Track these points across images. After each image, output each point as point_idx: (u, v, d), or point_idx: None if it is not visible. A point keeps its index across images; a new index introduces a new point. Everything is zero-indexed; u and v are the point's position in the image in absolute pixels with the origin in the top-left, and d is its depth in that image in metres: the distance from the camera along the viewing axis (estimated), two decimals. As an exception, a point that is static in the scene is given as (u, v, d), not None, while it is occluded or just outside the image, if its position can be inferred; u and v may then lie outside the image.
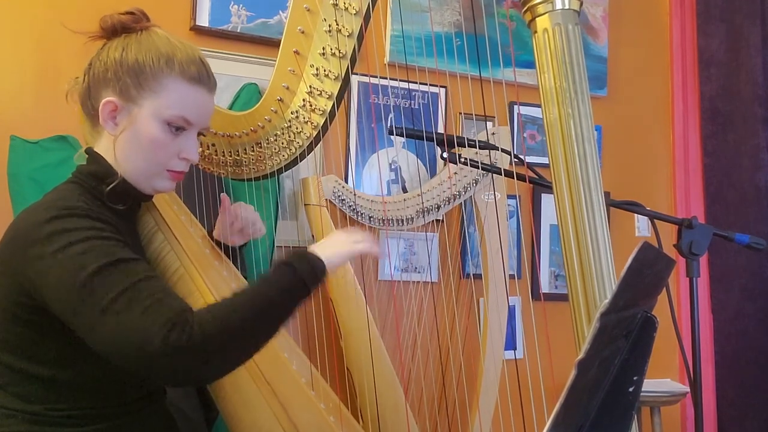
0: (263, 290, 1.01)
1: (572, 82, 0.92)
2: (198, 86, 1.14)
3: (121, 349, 0.92)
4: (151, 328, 0.91)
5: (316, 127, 1.35)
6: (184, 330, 0.92)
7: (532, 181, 1.49)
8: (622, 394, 0.76)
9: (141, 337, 0.91)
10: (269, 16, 2.02)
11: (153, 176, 1.14)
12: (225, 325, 0.95)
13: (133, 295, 0.94)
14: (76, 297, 0.95)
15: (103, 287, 0.94)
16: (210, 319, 0.95)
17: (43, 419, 1.05)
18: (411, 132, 1.59)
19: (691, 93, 2.69)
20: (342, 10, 1.24)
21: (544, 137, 0.96)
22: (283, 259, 1.06)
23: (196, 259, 1.28)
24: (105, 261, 0.96)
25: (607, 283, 0.90)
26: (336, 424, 1.27)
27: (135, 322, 0.92)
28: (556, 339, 1.39)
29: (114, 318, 0.93)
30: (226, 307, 0.98)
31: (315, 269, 1.06)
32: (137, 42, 1.13)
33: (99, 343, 0.95)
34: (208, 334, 0.93)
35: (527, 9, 0.95)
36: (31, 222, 1.01)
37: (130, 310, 0.93)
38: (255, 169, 1.45)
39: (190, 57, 1.14)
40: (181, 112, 1.12)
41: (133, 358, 0.92)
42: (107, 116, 1.12)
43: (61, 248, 0.97)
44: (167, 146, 1.12)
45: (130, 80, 1.10)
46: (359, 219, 1.97)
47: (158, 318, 0.92)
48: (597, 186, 0.91)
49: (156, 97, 1.10)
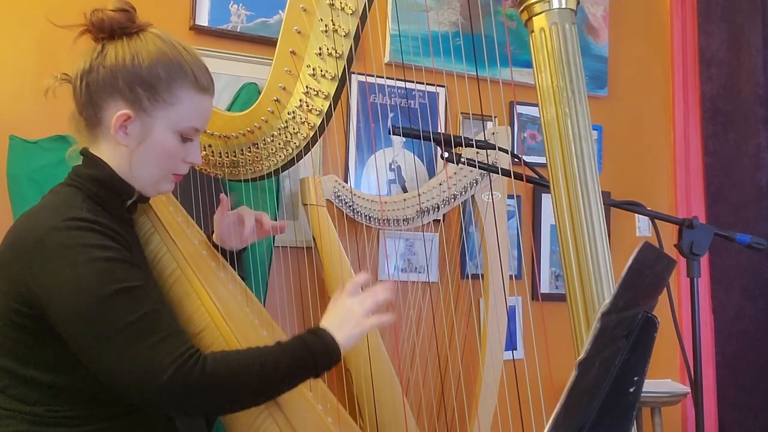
0: (276, 361, 1.06)
1: (569, 81, 0.92)
2: (207, 95, 1.16)
3: (129, 377, 0.96)
4: (165, 359, 0.96)
5: (312, 128, 1.35)
6: (194, 368, 0.97)
7: (532, 180, 1.49)
8: (622, 395, 0.76)
9: (153, 366, 0.95)
10: (269, 15, 2.02)
11: (161, 180, 1.17)
12: (230, 375, 1.01)
13: (147, 325, 0.98)
14: (85, 320, 0.96)
15: (115, 314, 0.96)
16: (221, 362, 1.01)
17: (43, 420, 1.05)
18: (410, 132, 1.59)
19: (692, 93, 2.68)
20: (338, 10, 1.24)
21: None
22: (305, 337, 1.10)
23: (192, 261, 1.27)
24: (119, 286, 0.98)
25: (605, 282, 0.90)
26: (334, 425, 1.26)
27: (148, 351, 0.96)
28: (556, 339, 1.39)
29: (125, 346, 0.96)
30: (238, 359, 1.04)
31: (330, 354, 1.10)
32: (145, 49, 1.11)
33: (105, 369, 0.97)
34: (214, 379, 0.99)
35: (524, 8, 0.95)
36: (35, 229, 1.00)
37: (143, 340, 0.96)
38: (252, 170, 1.45)
39: (199, 65, 1.15)
40: (194, 124, 1.14)
41: (140, 387, 0.96)
42: (119, 127, 1.10)
43: (71, 264, 0.97)
44: (178, 154, 1.15)
45: (143, 91, 1.09)
46: (359, 219, 1.97)
47: (173, 350, 0.97)
48: (594, 185, 0.91)
49: (171, 110, 1.11)
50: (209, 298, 1.24)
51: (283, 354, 1.07)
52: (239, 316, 1.28)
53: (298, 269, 1.98)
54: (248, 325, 1.28)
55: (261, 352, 1.06)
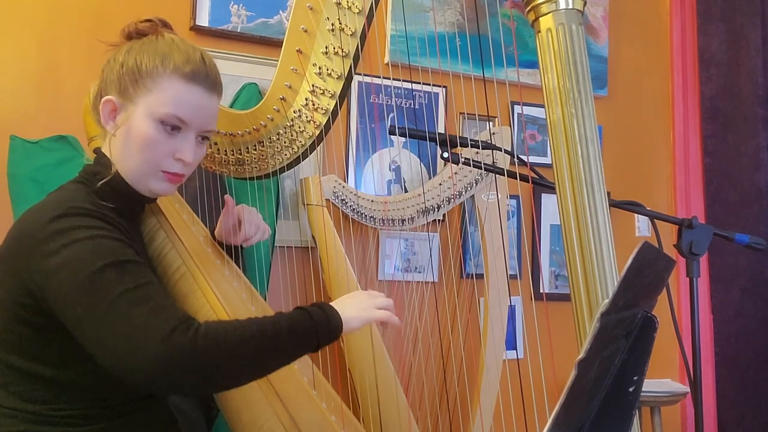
0: (275, 326, 1.01)
1: (575, 81, 0.92)
2: (193, 84, 1.12)
3: (123, 347, 0.92)
4: (159, 326, 0.91)
5: (318, 126, 1.35)
6: (187, 332, 0.92)
7: (533, 181, 1.49)
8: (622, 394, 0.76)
9: (143, 335, 0.91)
10: (269, 15, 2.02)
11: (147, 175, 1.13)
12: (227, 339, 0.95)
13: (139, 295, 0.94)
14: (79, 293, 0.94)
15: (108, 285, 0.94)
16: (215, 328, 0.95)
17: (44, 419, 1.05)
18: (411, 132, 1.59)
19: (692, 93, 2.69)
20: (345, 8, 1.24)
21: (545, 137, 0.96)
22: (306, 306, 1.07)
23: (197, 258, 1.27)
24: (112, 260, 0.96)
25: (609, 283, 0.89)
26: (338, 424, 1.26)
27: (139, 320, 0.92)
28: (556, 339, 1.39)
29: (118, 316, 0.92)
30: (234, 326, 0.98)
31: (331, 327, 1.06)
32: (140, 44, 1.13)
33: (99, 344, 0.94)
34: (210, 342, 0.93)
35: (531, 9, 0.95)
36: (36, 221, 1.01)
37: (136, 308, 0.93)
38: (257, 168, 1.45)
39: (189, 56, 1.13)
40: (174, 111, 1.10)
41: (135, 356, 0.91)
42: (108, 115, 1.13)
43: (65, 245, 0.96)
44: (160, 145, 1.11)
45: (129, 79, 1.11)
46: (359, 219, 1.97)
47: (164, 319, 0.93)
48: (600, 186, 0.91)
49: (150, 95, 1.10)
50: (213, 295, 1.24)
51: (282, 320, 1.03)
52: (244, 314, 1.28)
53: (297, 269, 1.98)
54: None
55: (260, 319, 1.02)
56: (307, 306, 1.08)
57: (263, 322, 1.01)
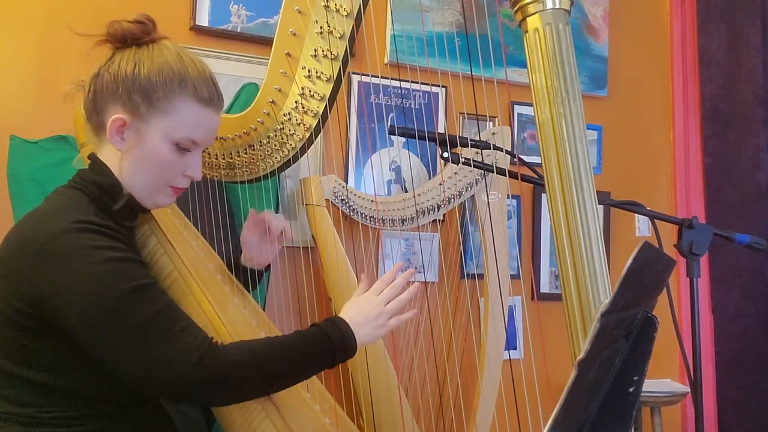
0: (292, 348, 1.09)
1: (563, 81, 0.92)
2: (209, 108, 1.14)
3: (157, 369, 0.99)
4: (189, 347, 1.00)
5: (308, 129, 1.35)
6: (216, 351, 1.02)
7: (531, 180, 1.49)
8: (622, 395, 0.76)
9: (179, 355, 0.98)
10: (269, 15, 2.02)
11: (156, 191, 1.15)
12: (252, 359, 1.05)
13: (167, 317, 1.01)
14: (106, 317, 0.97)
15: (135, 309, 0.98)
16: (239, 348, 1.06)
17: (36, 421, 1.04)
18: (411, 132, 1.59)
19: (692, 93, 2.69)
20: (333, 11, 1.24)
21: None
22: (324, 326, 1.13)
23: (190, 264, 1.27)
24: (135, 284, 1.00)
25: (600, 282, 0.89)
26: (332, 426, 1.26)
27: (173, 341, 0.99)
28: (556, 339, 1.39)
29: (146, 340, 0.98)
30: (256, 346, 1.08)
31: (348, 351, 1.13)
32: (149, 58, 1.11)
33: (126, 365, 0.99)
34: (236, 360, 1.03)
35: (518, 9, 0.95)
36: (44, 230, 1.01)
37: (166, 331, 1.00)
38: (248, 172, 1.44)
39: (203, 77, 1.13)
40: (190, 135, 1.12)
41: (162, 379, 0.99)
42: (115, 132, 1.11)
43: (83, 267, 0.98)
44: (174, 165, 1.13)
45: (141, 98, 1.09)
46: (359, 219, 1.97)
47: (194, 338, 1.01)
48: (589, 184, 0.91)
49: (166, 118, 1.10)
50: (206, 300, 1.24)
51: (302, 343, 1.10)
52: (237, 319, 1.28)
53: (297, 269, 1.98)
54: (245, 327, 1.28)
55: (282, 341, 1.10)
56: (326, 326, 1.13)
57: (286, 343, 1.10)
